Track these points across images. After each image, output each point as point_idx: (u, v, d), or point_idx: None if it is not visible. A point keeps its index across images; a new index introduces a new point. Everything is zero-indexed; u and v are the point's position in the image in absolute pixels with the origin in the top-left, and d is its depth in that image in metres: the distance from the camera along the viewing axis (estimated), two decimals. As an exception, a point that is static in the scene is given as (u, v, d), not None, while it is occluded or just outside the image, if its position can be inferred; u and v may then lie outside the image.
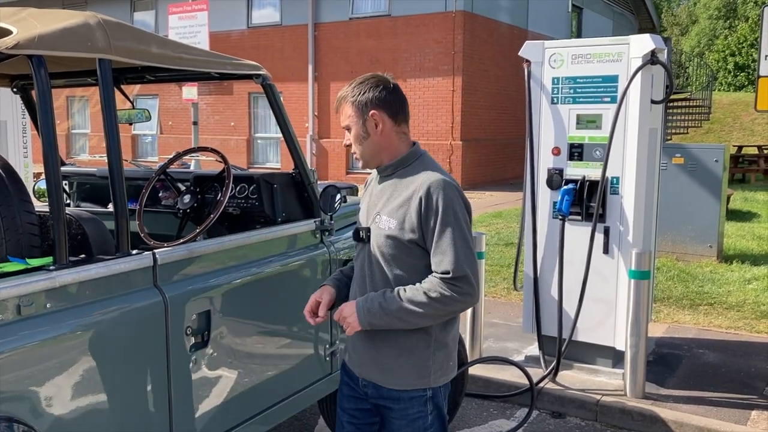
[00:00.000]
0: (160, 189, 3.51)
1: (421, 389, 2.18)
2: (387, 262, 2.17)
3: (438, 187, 2.09)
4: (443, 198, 2.08)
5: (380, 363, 2.20)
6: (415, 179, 2.15)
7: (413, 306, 2.06)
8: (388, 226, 2.15)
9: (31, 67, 2.10)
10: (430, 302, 2.05)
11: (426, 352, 2.17)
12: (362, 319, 2.12)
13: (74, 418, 2.13)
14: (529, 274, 4.69)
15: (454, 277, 2.05)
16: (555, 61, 4.50)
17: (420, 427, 2.20)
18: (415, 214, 2.10)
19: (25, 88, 3.37)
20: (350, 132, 2.22)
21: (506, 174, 18.19)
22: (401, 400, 2.18)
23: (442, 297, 2.05)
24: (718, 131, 23.28)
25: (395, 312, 2.07)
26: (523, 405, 4.36)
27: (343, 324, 2.17)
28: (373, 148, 2.21)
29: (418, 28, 16.63)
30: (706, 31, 45.18)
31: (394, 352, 2.17)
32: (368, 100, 2.17)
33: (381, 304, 2.09)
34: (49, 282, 2.08)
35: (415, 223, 2.10)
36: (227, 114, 19.84)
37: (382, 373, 2.20)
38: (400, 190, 2.17)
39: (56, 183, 2.14)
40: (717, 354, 5.01)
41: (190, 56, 2.70)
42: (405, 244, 2.13)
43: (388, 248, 2.16)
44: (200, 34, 11.61)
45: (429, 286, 2.07)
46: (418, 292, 2.07)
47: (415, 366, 2.17)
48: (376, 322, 2.11)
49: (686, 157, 7.91)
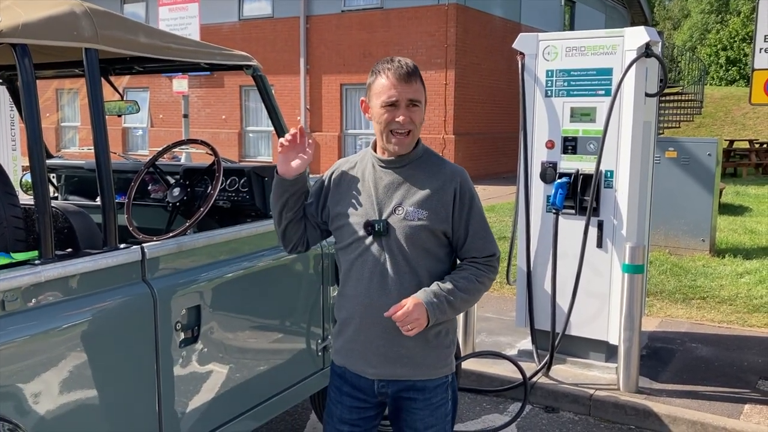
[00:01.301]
0: (149, 182, 3.46)
1: (445, 376, 2.22)
2: (414, 252, 2.11)
3: (467, 179, 2.19)
4: (471, 188, 2.19)
5: (407, 358, 2.14)
6: (438, 170, 2.16)
7: (469, 294, 2.14)
8: (417, 217, 2.09)
9: (15, 56, 2.05)
10: (479, 286, 2.15)
11: (446, 339, 2.21)
12: (432, 316, 2.05)
13: (61, 415, 2.09)
14: (523, 268, 4.67)
15: (496, 258, 2.21)
16: (549, 53, 4.46)
17: (443, 414, 2.22)
18: (450, 204, 2.13)
19: (10, 79, 3.32)
20: (418, 107, 2.11)
21: (499, 168, 18.18)
22: (427, 389, 2.17)
23: (487, 279, 2.18)
24: (710, 125, 23.35)
25: (457, 303, 2.11)
26: (516, 399, 4.34)
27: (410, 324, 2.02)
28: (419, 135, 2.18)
29: (411, 21, 16.57)
30: (698, 26, 45.31)
31: (421, 345, 2.13)
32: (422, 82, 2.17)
33: (447, 299, 2.08)
34: (35, 277, 2.03)
35: (449, 213, 2.13)
36: (218, 107, 19.74)
37: (408, 368, 2.15)
38: (424, 181, 2.13)
39: (41, 175, 2.09)
40: (710, 348, 5.01)
41: (179, 46, 2.65)
42: (435, 234, 2.13)
43: (417, 239, 2.10)
44: (191, 26, 11.52)
45: (476, 272, 2.15)
46: (470, 281, 2.13)
47: (440, 355, 2.19)
48: (441, 317, 2.09)
49: (679, 151, 7.90)
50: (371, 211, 2.14)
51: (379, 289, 2.12)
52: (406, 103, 2.08)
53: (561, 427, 4.05)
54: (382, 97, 2.09)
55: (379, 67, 2.15)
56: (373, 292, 2.12)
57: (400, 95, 2.07)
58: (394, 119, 2.08)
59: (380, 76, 2.12)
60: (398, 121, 2.08)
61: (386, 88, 2.08)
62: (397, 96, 2.07)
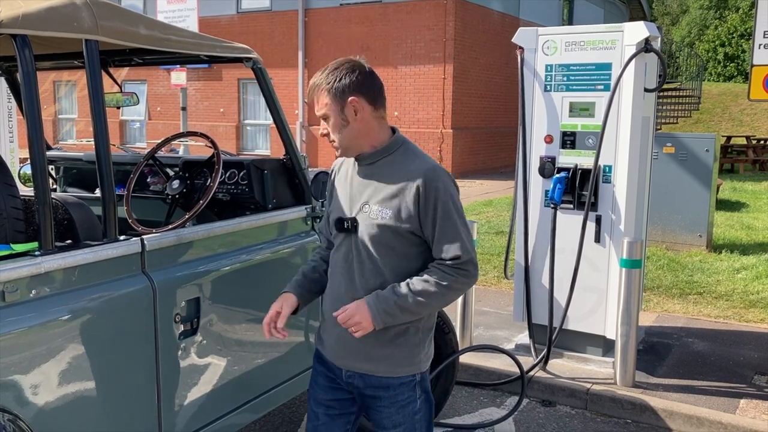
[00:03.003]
0: (148, 174, 3.46)
1: (411, 375, 2.18)
2: (379, 251, 2.12)
3: (435, 176, 2.07)
4: (441, 186, 2.07)
5: (369, 353, 2.16)
6: (405, 167, 2.10)
7: (427, 298, 2.06)
8: (380, 215, 2.10)
9: (15, 47, 2.04)
10: (443, 290, 2.06)
11: (415, 338, 2.17)
12: (378, 321, 2.07)
13: (61, 406, 2.09)
14: (520, 263, 4.68)
15: (464, 261, 2.07)
16: (548, 48, 4.46)
17: (410, 412, 2.19)
18: (412, 203, 2.06)
19: (9, 71, 3.30)
20: (328, 121, 2.13)
21: (497, 162, 18.19)
22: (391, 387, 2.17)
23: (453, 283, 2.07)
24: (707, 121, 23.37)
25: (411, 307, 2.06)
26: (514, 393, 4.36)
27: (353, 327, 2.08)
28: (353, 136, 2.12)
29: (410, 15, 16.54)
30: (696, 21, 45.27)
31: (383, 342, 2.14)
32: (345, 86, 2.09)
33: (397, 302, 2.05)
34: (35, 268, 2.03)
35: (412, 212, 2.07)
36: (216, 100, 19.70)
37: (371, 363, 2.17)
38: (390, 179, 2.11)
39: (41, 167, 2.09)
40: (706, 343, 5.03)
41: (179, 38, 2.64)
42: (400, 233, 2.09)
43: (381, 237, 2.11)
44: (189, 18, 11.50)
45: (439, 275, 2.06)
46: (429, 284, 2.06)
47: (406, 354, 2.16)
48: (390, 321, 2.08)
49: (677, 146, 7.91)
50: (346, 208, 2.20)
51: (348, 286, 2.17)
52: (321, 120, 2.17)
53: (558, 420, 4.07)
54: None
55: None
56: (342, 289, 2.18)
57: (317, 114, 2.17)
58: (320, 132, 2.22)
59: None
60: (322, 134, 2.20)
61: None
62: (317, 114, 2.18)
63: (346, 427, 2.31)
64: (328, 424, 2.30)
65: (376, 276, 2.12)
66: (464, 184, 15.39)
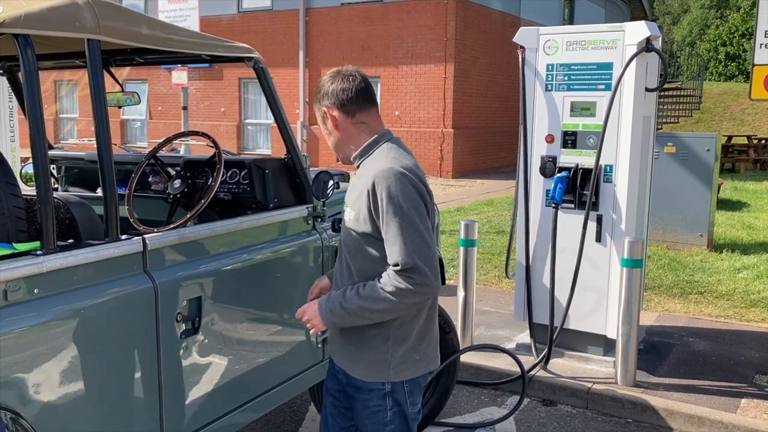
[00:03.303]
0: (150, 174, 3.46)
1: (380, 383, 2.16)
2: (350, 253, 2.19)
3: (383, 178, 2.04)
4: (387, 189, 2.03)
5: (345, 353, 2.23)
6: (368, 171, 2.12)
7: (371, 303, 2.05)
8: (349, 218, 2.18)
9: (17, 46, 2.04)
10: (387, 297, 2.02)
11: (383, 346, 2.15)
12: (326, 320, 2.14)
13: (62, 405, 2.10)
14: (521, 262, 4.68)
15: (404, 269, 2.00)
16: (550, 47, 4.46)
17: (380, 421, 2.19)
18: (365, 206, 2.09)
19: (11, 70, 3.30)
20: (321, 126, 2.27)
21: (498, 162, 18.19)
22: (362, 390, 2.20)
23: (397, 290, 2.01)
24: (708, 121, 23.36)
25: (356, 311, 2.07)
26: (515, 392, 4.36)
27: (307, 325, 2.18)
28: (336, 143, 2.23)
29: (410, 15, 16.54)
30: (697, 21, 45.24)
31: (356, 345, 2.19)
32: (321, 97, 2.21)
33: (342, 304, 2.09)
34: (37, 267, 2.03)
35: (366, 216, 2.09)
36: (217, 99, 19.70)
37: (347, 363, 2.23)
38: (359, 182, 2.17)
39: (43, 166, 2.09)
40: (707, 342, 5.03)
41: (181, 38, 2.64)
42: (362, 236, 2.13)
43: (349, 240, 2.18)
44: (190, 18, 11.49)
45: (385, 281, 2.04)
46: (375, 289, 2.05)
47: (373, 360, 2.16)
48: (339, 321, 2.13)
49: (678, 146, 7.91)
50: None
51: (333, 283, 2.31)
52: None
53: (559, 420, 4.07)
54: None
55: None
56: (337, 284, 2.29)
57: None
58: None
59: None
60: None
61: None
62: None
63: (352, 422, 2.32)
64: (335, 415, 2.35)
65: (348, 277, 2.19)
66: (465, 183, 15.40)
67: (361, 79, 2.18)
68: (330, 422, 2.37)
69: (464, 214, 10.55)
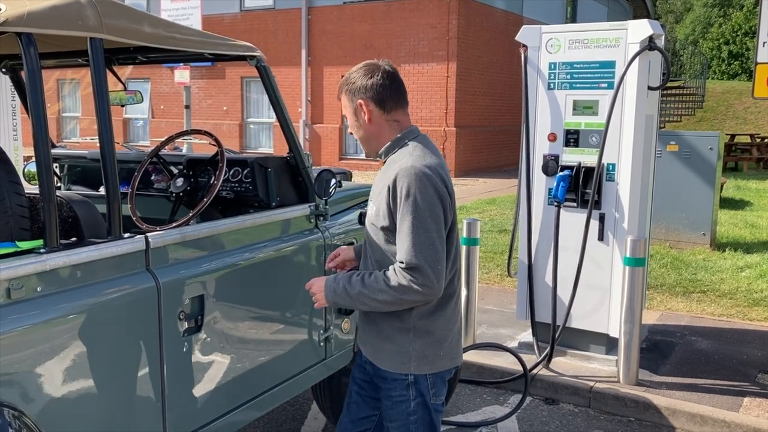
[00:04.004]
0: (152, 172, 3.46)
1: (403, 374, 2.22)
2: (371, 246, 2.27)
3: (404, 176, 2.09)
4: (407, 187, 2.08)
5: (370, 343, 2.30)
6: (392, 167, 2.17)
7: (372, 293, 2.12)
8: (370, 213, 2.25)
9: (20, 45, 2.05)
10: (388, 289, 2.09)
11: (404, 338, 2.20)
12: (329, 297, 2.22)
13: (65, 403, 2.10)
14: (524, 261, 4.68)
15: (407, 267, 2.06)
16: (552, 46, 4.46)
17: (403, 411, 2.24)
18: (385, 202, 2.15)
19: (14, 69, 3.31)
20: (349, 119, 2.27)
21: (500, 161, 18.17)
22: (386, 380, 2.25)
23: (399, 286, 2.07)
24: (711, 119, 23.32)
25: (356, 296, 2.15)
26: (517, 391, 4.36)
27: (313, 297, 2.28)
28: (365, 137, 2.25)
29: (413, 13, 16.52)
30: (700, 19, 45.15)
31: (381, 336, 2.25)
32: (357, 89, 2.20)
33: (345, 287, 2.17)
34: (40, 265, 2.04)
35: (386, 211, 2.16)
36: (219, 98, 19.70)
37: (373, 353, 2.29)
38: (382, 178, 2.23)
39: (46, 164, 2.10)
40: (710, 341, 5.02)
41: (184, 36, 2.64)
42: (380, 231, 2.20)
43: (370, 234, 2.26)
44: (193, 16, 11.51)
45: (390, 274, 2.11)
46: (378, 280, 2.12)
47: (395, 351, 2.22)
48: (341, 302, 2.21)
49: (681, 144, 7.90)
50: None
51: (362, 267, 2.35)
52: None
53: (561, 418, 4.07)
54: None
55: None
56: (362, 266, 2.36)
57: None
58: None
59: None
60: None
61: None
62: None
63: (374, 412, 2.38)
64: (359, 403, 2.41)
65: (372, 267, 2.25)
66: (467, 182, 15.39)
67: (399, 77, 2.24)
68: (353, 409, 2.42)
69: (467, 212, 10.54)
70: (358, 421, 2.40)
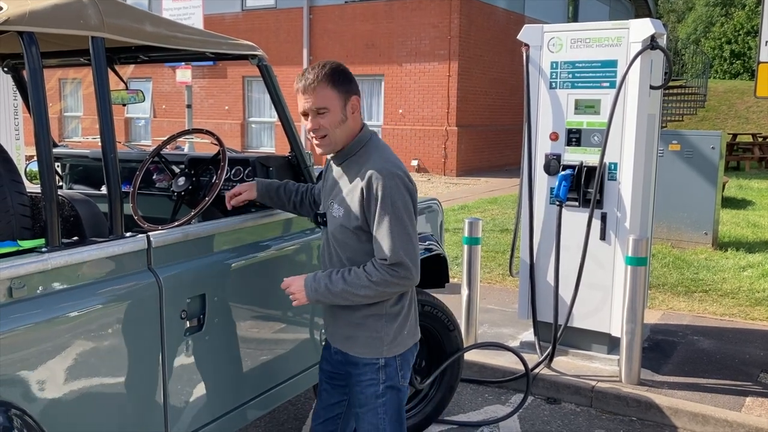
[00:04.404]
0: (154, 171, 3.46)
1: (374, 358, 2.35)
2: (340, 246, 2.34)
3: (378, 177, 2.20)
4: (382, 188, 2.19)
5: (342, 333, 2.40)
6: (359, 168, 2.26)
7: (356, 289, 2.23)
8: (338, 214, 2.31)
9: (22, 44, 2.05)
10: (371, 284, 2.22)
11: (377, 324, 2.33)
12: (310, 296, 2.30)
13: (67, 402, 2.10)
14: (525, 260, 4.68)
15: (391, 264, 2.20)
16: (554, 45, 4.45)
17: (372, 394, 2.36)
18: (358, 203, 2.24)
19: (16, 68, 3.31)
20: (323, 115, 2.25)
21: (502, 160, 18.16)
22: (358, 365, 2.37)
23: (382, 280, 2.21)
24: (713, 119, 23.29)
25: (339, 293, 2.25)
26: (518, 391, 4.36)
27: (290, 296, 2.35)
28: (346, 133, 2.29)
29: (414, 12, 16.52)
30: (702, 18, 45.08)
31: (351, 325, 2.36)
32: (349, 86, 2.27)
33: (327, 286, 2.26)
34: (42, 264, 2.04)
35: (358, 211, 2.25)
36: (221, 97, 19.71)
37: (343, 342, 2.41)
38: (347, 179, 2.31)
39: (48, 163, 2.10)
40: (712, 341, 5.02)
41: (185, 35, 2.64)
42: (352, 231, 2.28)
43: (339, 234, 2.33)
44: (194, 16, 11.49)
45: (370, 270, 2.22)
46: (360, 276, 2.23)
47: (369, 338, 2.34)
48: (322, 299, 2.30)
49: (683, 143, 7.89)
50: (322, 204, 2.47)
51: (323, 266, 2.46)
52: (313, 113, 2.26)
53: (563, 418, 4.07)
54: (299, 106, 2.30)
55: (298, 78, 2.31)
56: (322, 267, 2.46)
57: (306, 106, 2.26)
58: (308, 127, 2.30)
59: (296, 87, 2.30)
60: (309, 128, 2.29)
61: (298, 99, 2.28)
62: (303, 107, 2.27)
63: (343, 398, 2.54)
64: (329, 391, 2.56)
65: (340, 265, 2.35)
66: (469, 181, 15.39)
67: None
68: (325, 397, 2.58)
69: (468, 212, 10.54)
70: (329, 407, 2.56)
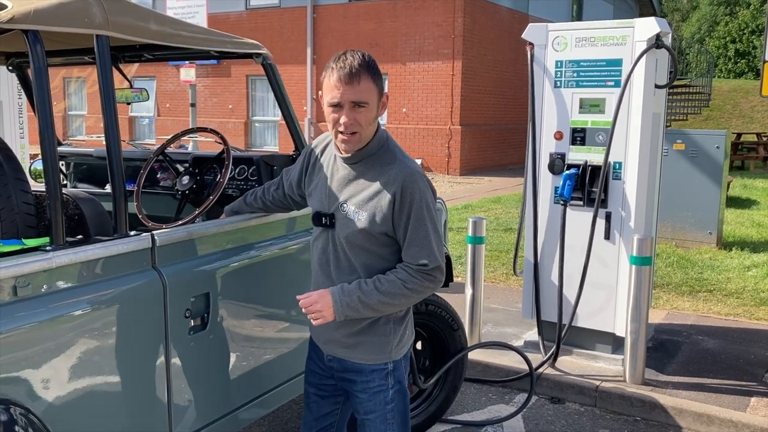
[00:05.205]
0: (158, 170, 3.46)
1: (383, 363, 2.25)
2: (353, 250, 2.17)
3: (411, 182, 2.09)
4: (418, 193, 2.09)
5: (343, 341, 2.25)
6: (384, 170, 2.12)
7: (392, 298, 2.11)
8: (357, 218, 2.13)
9: (27, 42, 2.05)
10: (407, 292, 2.12)
11: (385, 328, 2.23)
12: (339, 312, 2.12)
13: (71, 400, 2.10)
14: (530, 260, 4.67)
15: (432, 268, 2.12)
16: (558, 44, 4.44)
17: (381, 400, 2.26)
18: (388, 207, 2.09)
19: (20, 66, 3.31)
20: (360, 108, 2.05)
21: (505, 159, 18.14)
22: (363, 372, 2.25)
23: (419, 286, 2.12)
24: (718, 118, 23.23)
25: (374, 305, 2.11)
26: (522, 390, 4.35)
27: (314, 315, 2.14)
28: (371, 132, 2.13)
29: (418, 11, 16.51)
30: (706, 17, 44.95)
31: (356, 332, 2.22)
32: (382, 79, 2.12)
33: (360, 298, 2.11)
34: (46, 263, 2.04)
35: (387, 216, 2.10)
36: (225, 96, 19.73)
37: (346, 350, 2.26)
38: (370, 181, 2.13)
39: (53, 162, 2.10)
40: (716, 341, 5.00)
41: (190, 34, 2.64)
42: (375, 236, 2.13)
43: (356, 239, 2.15)
44: (198, 15, 11.49)
45: (405, 277, 2.11)
46: (395, 285, 2.10)
47: (377, 343, 2.23)
48: (352, 314, 2.13)
49: (687, 143, 7.87)
50: (324, 201, 2.23)
51: (323, 277, 2.26)
52: (349, 105, 2.04)
53: (567, 418, 4.06)
54: (327, 97, 2.07)
55: (330, 65, 2.08)
56: (319, 278, 2.27)
57: (342, 97, 2.03)
58: (339, 120, 2.06)
59: (327, 75, 2.07)
60: (342, 123, 2.06)
61: (330, 88, 2.05)
62: (339, 98, 2.04)
63: (335, 407, 2.42)
64: (319, 402, 2.42)
65: (350, 272, 2.19)
66: (473, 180, 15.38)
67: None
68: (314, 408, 2.43)
69: (472, 211, 10.53)
70: (321, 417, 2.43)
